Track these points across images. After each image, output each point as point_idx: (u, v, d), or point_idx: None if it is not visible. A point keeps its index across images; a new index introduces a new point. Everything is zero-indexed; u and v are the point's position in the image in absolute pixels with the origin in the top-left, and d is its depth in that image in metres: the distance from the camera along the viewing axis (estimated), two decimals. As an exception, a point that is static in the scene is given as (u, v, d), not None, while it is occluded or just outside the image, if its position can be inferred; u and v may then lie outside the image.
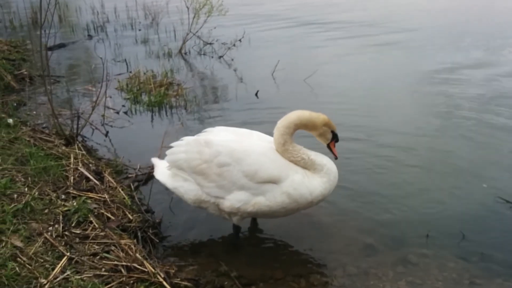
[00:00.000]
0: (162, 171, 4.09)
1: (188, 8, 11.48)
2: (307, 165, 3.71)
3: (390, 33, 12.71)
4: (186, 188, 3.86)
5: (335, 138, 3.85)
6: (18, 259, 3.22)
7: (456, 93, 7.75)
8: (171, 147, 4.06)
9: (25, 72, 9.09)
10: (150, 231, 4.11)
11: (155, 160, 4.31)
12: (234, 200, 3.64)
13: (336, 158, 3.92)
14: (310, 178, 3.68)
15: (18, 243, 3.40)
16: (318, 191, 3.67)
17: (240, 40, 11.13)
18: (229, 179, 3.61)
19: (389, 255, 3.88)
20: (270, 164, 3.62)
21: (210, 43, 11.73)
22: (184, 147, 3.88)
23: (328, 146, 3.90)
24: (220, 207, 3.75)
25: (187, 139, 4.00)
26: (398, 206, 4.57)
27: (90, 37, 13.25)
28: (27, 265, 3.19)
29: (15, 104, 7.28)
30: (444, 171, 5.20)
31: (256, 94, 7.98)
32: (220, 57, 10.89)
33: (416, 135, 6.16)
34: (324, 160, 3.75)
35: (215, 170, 3.63)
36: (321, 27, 13.87)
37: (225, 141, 3.72)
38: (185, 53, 11.34)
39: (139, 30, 14.11)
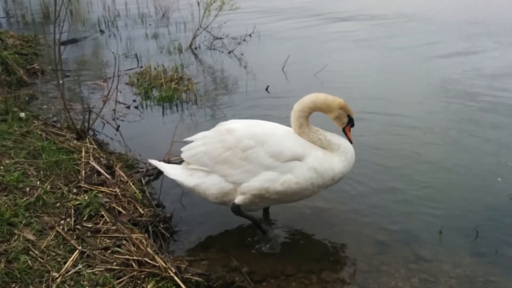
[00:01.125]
0: (174, 171, 4.04)
1: (198, 3, 11.45)
2: (324, 145, 3.81)
3: (402, 26, 12.61)
4: (208, 183, 3.83)
5: (350, 122, 3.93)
6: (30, 252, 3.23)
7: (473, 87, 7.67)
8: (184, 142, 4.05)
9: (37, 67, 9.15)
10: (161, 225, 4.10)
11: (157, 163, 4.23)
12: (263, 179, 3.67)
13: (351, 142, 3.98)
14: (330, 156, 3.78)
15: (30, 237, 3.42)
16: (338, 168, 3.78)
17: (250, 35, 11.09)
18: (256, 161, 3.66)
19: (401, 252, 3.83)
20: (293, 143, 3.73)
21: (220, 38, 11.70)
22: (202, 140, 3.91)
23: (344, 130, 3.98)
24: (243, 190, 3.75)
25: (202, 134, 4.03)
26: (411, 202, 4.52)
27: (102, 32, 13.30)
28: (39, 259, 3.20)
29: (27, 98, 7.33)
30: (458, 167, 5.13)
31: (266, 89, 7.94)
32: (230, 52, 10.86)
33: (430, 130, 6.10)
34: (341, 140, 3.87)
35: (240, 154, 3.68)
36: (332, 21, 13.80)
37: (246, 127, 3.82)
38: (195, 48, 11.32)
39: (150, 25, 14.14)
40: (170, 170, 4.06)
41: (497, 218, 4.24)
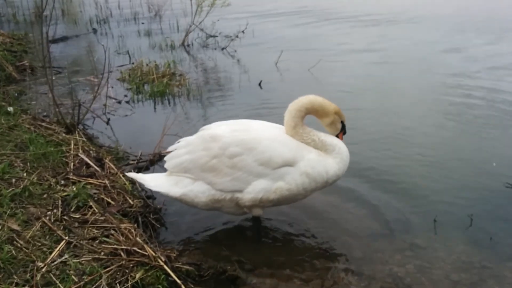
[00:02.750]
0: (156, 182, 3.78)
1: (191, 0, 11.38)
2: (318, 147, 3.66)
3: (397, 23, 12.61)
4: (196, 190, 3.62)
5: (343, 129, 3.82)
6: (15, 242, 3.15)
7: (464, 82, 7.66)
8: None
9: (27, 63, 9.03)
10: (151, 216, 4.02)
11: (136, 175, 3.95)
12: (255, 191, 3.49)
13: None
14: (324, 158, 3.64)
15: (15, 227, 3.32)
16: (332, 171, 3.63)
17: (243, 32, 11.04)
18: (244, 169, 3.47)
19: (396, 239, 3.79)
20: (283, 148, 3.54)
21: (213, 36, 11.63)
22: (186, 148, 3.69)
23: (337, 136, 3.83)
24: (239, 202, 3.58)
25: (185, 139, 3.82)
26: (405, 190, 4.48)
27: (94, 30, 13.19)
28: (24, 249, 3.11)
29: (16, 94, 7.23)
30: (451, 156, 5.12)
31: (259, 84, 7.88)
32: (223, 48, 10.79)
33: (423, 123, 6.07)
34: (334, 141, 3.72)
35: (227, 162, 3.48)
36: (326, 17, 13.78)
37: (232, 132, 3.59)
38: (188, 45, 11.25)
39: (142, 23, 14.03)
40: (152, 182, 3.79)
41: (492, 205, 4.22)
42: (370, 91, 7.42)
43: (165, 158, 3.81)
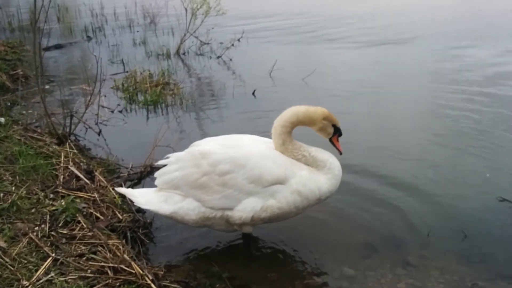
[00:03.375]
0: (146, 199, 3.66)
1: (186, 9, 11.39)
2: (309, 162, 3.56)
3: (393, 33, 12.64)
4: (186, 208, 3.52)
5: (337, 132, 3.68)
6: (1, 260, 3.09)
7: (458, 94, 7.63)
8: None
9: (21, 72, 8.99)
10: (141, 231, 3.96)
11: (125, 191, 3.85)
12: (246, 210, 3.41)
13: (340, 153, 3.75)
14: (316, 174, 3.54)
15: (1, 243, 3.27)
16: (324, 187, 3.53)
17: (238, 40, 11.03)
18: (235, 187, 3.38)
19: (388, 256, 3.72)
20: (274, 165, 3.43)
21: (208, 43, 11.63)
22: (176, 164, 3.59)
23: (331, 140, 3.73)
24: (229, 220, 3.50)
25: (175, 155, 3.73)
26: (397, 206, 4.41)
27: (89, 38, 13.18)
28: (10, 266, 3.07)
29: (8, 104, 7.18)
30: (444, 170, 5.06)
31: (253, 93, 7.86)
32: (218, 57, 10.80)
33: (417, 134, 6.05)
34: (325, 155, 3.60)
35: (217, 180, 3.39)
36: (320, 27, 13.83)
37: (222, 149, 3.50)
38: (183, 53, 11.25)
39: (137, 31, 14.06)
40: (141, 199, 3.67)
41: (485, 220, 4.16)
42: (365, 101, 7.41)
43: (155, 174, 3.72)
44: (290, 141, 3.56)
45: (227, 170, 3.38)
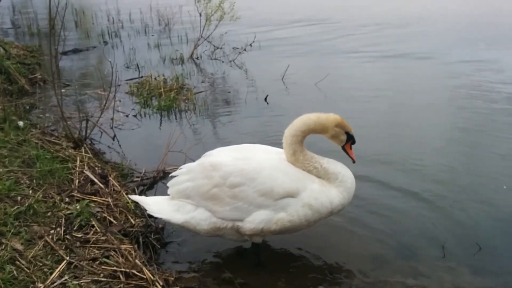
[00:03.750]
0: (158, 207, 3.69)
1: (200, 14, 11.51)
2: (320, 174, 3.52)
3: (408, 39, 12.56)
4: (198, 218, 3.53)
5: (351, 139, 3.60)
6: (17, 262, 3.18)
7: (476, 99, 7.59)
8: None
9: (39, 76, 9.18)
10: (152, 236, 4.02)
11: (138, 198, 3.87)
12: (256, 222, 3.41)
13: (353, 161, 3.69)
14: (328, 187, 3.49)
15: (18, 246, 3.37)
16: (336, 200, 3.49)
17: (250, 45, 11.11)
18: (245, 200, 3.37)
19: (400, 267, 3.71)
20: (285, 178, 3.41)
21: (221, 48, 11.73)
22: (188, 175, 3.61)
23: (344, 148, 3.66)
24: (240, 230, 3.51)
25: (187, 166, 3.75)
26: (410, 215, 4.40)
27: (105, 43, 13.36)
28: (25, 269, 3.15)
29: (27, 107, 7.34)
30: (460, 181, 5.00)
31: (265, 99, 7.91)
32: (230, 61, 10.88)
33: (432, 142, 5.99)
34: (338, 168, 3.54)
35: (228, 192, 3.39)
36: (333, 31, 13.82)
37: (233, 161, 3.49)
38: (197, 58, 11.35)
39: (152, 35, 14.21)
40: (154, 207, 3.69)
41: (501, 231, 4.12)
42: (380, 106, 7.39)
43: (168, 184, 3.77)
44: (302, 151, 3.52)
45: (237, 182, 3.38)
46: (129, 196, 4.06)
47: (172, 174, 3.82)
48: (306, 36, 13.18)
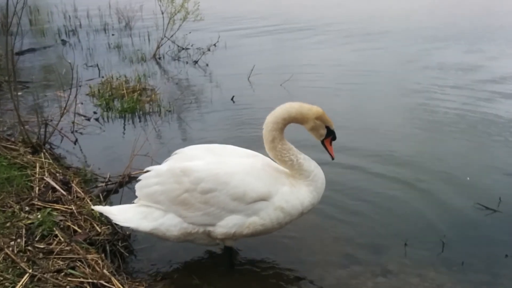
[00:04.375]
0: (125, 216, 3.53)
1: (162, 12, 11.30)
2: (293, 168, 3.50)
3: (370, 36, 12.83)
4: (168, 224, 3.43)
5: (331, 135, 3.55)
6: (-25, 278, 3.00)
7: (441, 96, 7.85)
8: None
9: (-7, 78, 8.73)
10: (120, 244, 3.88)
11: (103, 208, 3.68)
12: (228, 226, 3.36)
13: (332, 158, 3.64)
14: (297, 188, 3.48)
15: (-25, 261, 3.17)
16: (307, 200, 3.48)
17: (215, 45, 11.02)
18: (217, 205, 3.31)
19: (368, 265, 3.75)
20: (257, 182, 3.36)
21: (185, 48, 11.58)
22: (156, 178, 3.48)
23: (323, 143, 3.61)
24: (211, 235, 3.45)
25: (156, 169, 3.60)
26: (376, 214, 4.46)
27: (63, 42, 12.91)
28: (-16, 284, 2.97)
29: (-20, 111, 6.97)
30: (422, 178, 5.10)
31: (232, 99, 7.85)
32: (195, 62, 10.74)
33: (396, 141, 6.10)
34: (312, 166, 3.51)
35: (199, 198, 3.31)
36: (298, 31, 13.93)
37: (204, 166, 3.40)
38: (159, 58, 11.15)
39: (113, 34, 13.87)
40: (120, 216, 3.54)
41: (462, 229, 4.22)
42: (346, 107, 7.47)
43: (136, 187, 3.63)
44: (281, 139, 3.48)
45: (209, 188, 3.32)
46: (93, 207, 3.86)
47: (140, 177, 3.67)
48: (271, 35, 13.21)
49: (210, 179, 3.32)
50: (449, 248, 3.94)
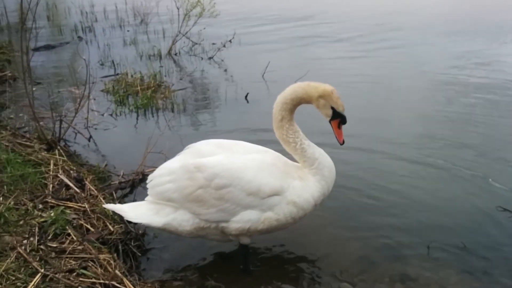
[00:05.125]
0: (136, 213, 3.52)
1: (178, 8, 11.25)
2: (296, 152, 3.46)
3: (387, 34, 12.62)
4: (180, 219, 3.41)
5: (338, 117, 3.42)
6: (-12, 277, 2.99)
7: (459, 94, 7.64)
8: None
9: (9, 74, 8.80)
10: (132, 243, 3.85)
11: (114, 207, 3.66)
12: (242, 221, 3.33)
13: (340, 143, 3.50)
14: (306, 181, 3.44)
15: (-12, 259, 3.17)
16: (316, 191, 3.44)
17: (230, 41, 10.91)
18: (232, 201, 3.29)
19: (386, 269, 3.64)
20: (270, 177, 3.35)
21: (200, 44, 11.51)
22: (169, 176, 3.45)
23: (331, 124, 3.48)
24: (225, 230, 3.42)
25: (167, 166, 3.57)
26: (396, 216, 4.34)
27: (80, 38, 12.94)
28: (-3, 284, 2.96)
29: (-4, 107, 7.02)
30: (444, 179, 4.96)
31: (246, 97, 7.77)
32: (210, 58, 10.68)
33: (417, 141, 5.91)
34: (316, 154, 3.45)
35: (214, 194, 3.29)
36: (313, 27, 13.73)
37: (217, 161, 3.38)
38: (175, 54, 11.10)
39: (128, 31, 13.84)
40: (131, 213, 3.52)
41: (485, 231, 4.09)
42: (362, 105, 7.30)
43: (147, 185, 3.60)
44: (289, 120, 3.46)
45: (224, 184, 3.28)
46: (104, 205, 3.84)
47: (150, 176, 3.64)
48: (287, 33, 13.05)
49: (225, 174, 3.29)
50: (471, 252, 3.82)
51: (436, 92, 7.71)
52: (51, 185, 4.37)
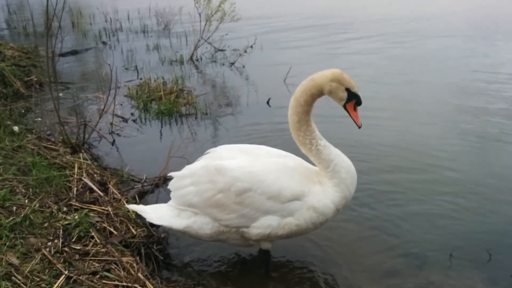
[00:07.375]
0: (158, 215, 3.56)
1: (200, 14, 11.36)
2: (311, 153, 3.37)
3: (412, 40, 12.47)
4: (200, 222, 3.41)
5: (353, 99, 3.27)
6: (13, 277, 3.02)
7: (483, 104, 7.48)
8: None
9: (35, 79, 9.00)
10: (155, 247, 3.86)
11: (137, 207, 3.74)
12: (263, 226, 3.30)
13: (358, 126, 3.36)
14: (325, 185, 3.37)
15: (14, 260, 3.21)
16: (336, 196, 3.35)
17: (251, 47, 10.95)
18: (252, 206, 3.25)
19: (410, 278, 3.57)
20: (291, 181, 3.29)
21: (222, 50, 11.58)
22: (190, 178, 3.45)
23: (345, 108, 3.32)
24: (245, 235, 3.40)
25: (190, 168, 3.57)
26: (420, 223, 4.26)
27: (104, 44, 13.19)
28: (22, 285, 2.99)
29: (22, 111, 7.17)
30: (468, 187, 4.86)
31: (267, 102, 7.76)
32: (231, 63, 10.73)
33: (439, 148, 5.81)
34: (331, 155, 3.34)
35: (234, 199, 3.25)
36: (336, 33, 13.68)
37: (238, 164, 3.34)
38: (197, 60, 11.20)
39: (151, 36, 14.07)
40: (153, 215, 3.56)
41: (509, 240, 3.99)
42: (388, 112, 7.22)
43: (170, 188, 3.63)
44: (307, 121, 3.33)
45: (245, 188, 3.26)
46: (127, 205, 3.89)
47: (173, 174, 3.67)
48: (309, 37, 13.05)
49: (246, 178, 3.25)
50: (496, 260, 3.73)
51: (466, 107, 7.46)
52: (75, 188, 4.42)
